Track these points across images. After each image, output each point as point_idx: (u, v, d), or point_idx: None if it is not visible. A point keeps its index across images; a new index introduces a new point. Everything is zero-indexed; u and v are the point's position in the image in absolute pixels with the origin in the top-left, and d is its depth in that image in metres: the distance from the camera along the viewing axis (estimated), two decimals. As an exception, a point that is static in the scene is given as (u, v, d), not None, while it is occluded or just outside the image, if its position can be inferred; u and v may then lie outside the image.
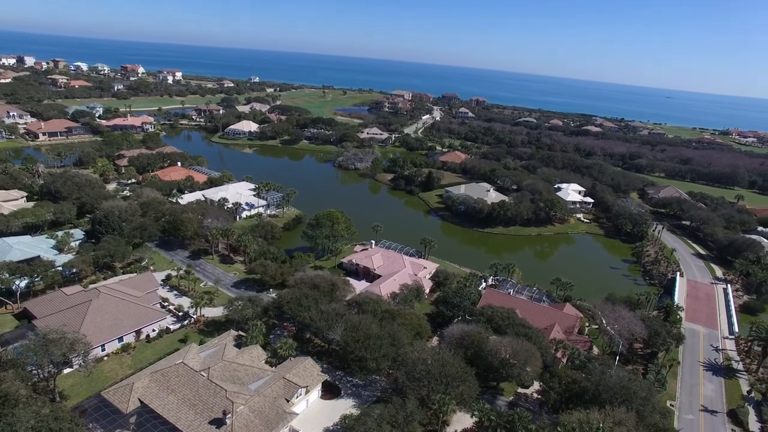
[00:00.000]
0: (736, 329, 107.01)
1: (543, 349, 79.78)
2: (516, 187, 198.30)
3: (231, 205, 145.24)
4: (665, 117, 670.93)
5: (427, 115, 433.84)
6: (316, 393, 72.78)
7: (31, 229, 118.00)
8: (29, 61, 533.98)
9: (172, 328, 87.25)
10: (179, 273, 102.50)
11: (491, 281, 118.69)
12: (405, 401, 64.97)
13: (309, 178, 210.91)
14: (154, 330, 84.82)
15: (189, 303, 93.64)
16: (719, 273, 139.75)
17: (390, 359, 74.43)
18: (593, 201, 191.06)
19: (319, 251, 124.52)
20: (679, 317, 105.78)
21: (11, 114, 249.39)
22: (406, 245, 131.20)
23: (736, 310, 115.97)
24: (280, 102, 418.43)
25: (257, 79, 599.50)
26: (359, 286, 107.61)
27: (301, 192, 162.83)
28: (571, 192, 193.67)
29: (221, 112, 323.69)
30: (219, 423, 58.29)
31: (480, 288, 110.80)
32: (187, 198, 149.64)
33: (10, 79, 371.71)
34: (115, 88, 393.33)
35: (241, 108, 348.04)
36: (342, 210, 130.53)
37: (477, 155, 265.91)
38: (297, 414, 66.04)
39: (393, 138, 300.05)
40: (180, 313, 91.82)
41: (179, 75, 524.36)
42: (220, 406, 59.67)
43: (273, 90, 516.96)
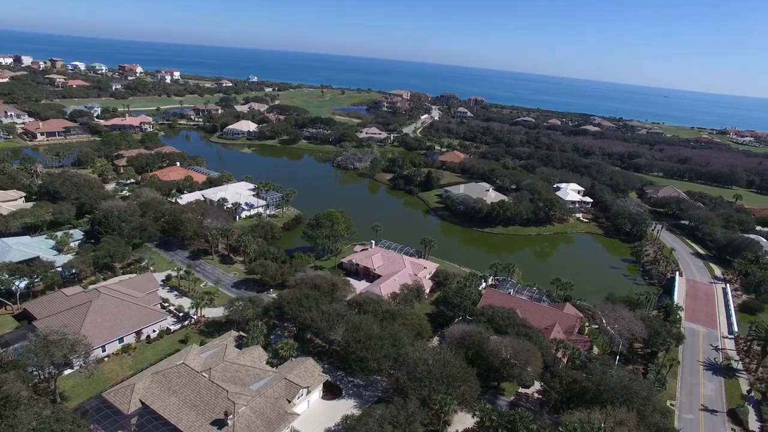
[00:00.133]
0: (735, 329, 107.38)
1: (544, 349, 79.98)
2: (515, 187, 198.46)
3: (230, 205, 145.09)
4: (663, 116, 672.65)
5: (426, 115, 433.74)
6: (317, 393, 72.87)
7: (30, 230, 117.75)
8: (26, 61, 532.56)
9: (172, 328, 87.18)
10: (179, 273, 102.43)
11: (491, 281, 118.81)
12: (406, 401, 65.04)
13: (308, 177, 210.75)
14: (154, 331, 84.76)
15: (189, 303, 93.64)
16: (718, 272, 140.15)
17: (391, 359, 74.53)
18: (592, 200, 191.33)
19: (319, 251, 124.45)
20: (679, 317, 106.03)
21: (9, 114, 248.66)
22: (405, 245, 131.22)
23: (735, 309, 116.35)
24: (278, 102, 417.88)
25: (255, 79, 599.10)
26: (359, 286, 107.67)
27: (301, 192, 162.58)
28: (570, 191, 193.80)
29: (220, 111, 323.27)
30: (221, 424, 58.28)
31: (480, 288, 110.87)
32: (187, 198, 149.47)
33: (7, 79, 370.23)
34: (113, 87, 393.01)
35: (240, 108, 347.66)
36: (341, 210, 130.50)
37: (476, 155, 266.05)
38: (298, 414, 65.99)
39: (392, 138, 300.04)
40: (180, 314, 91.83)
41: (177, 74, 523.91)
42: (221, 406, 59.65)
43: (271, 89, 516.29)
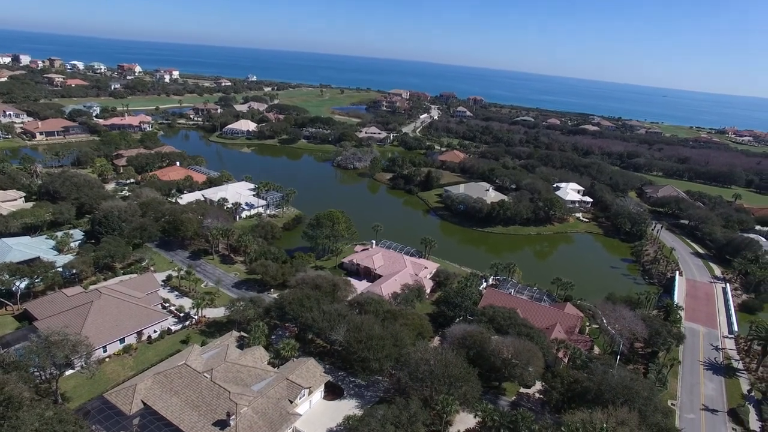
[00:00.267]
0: (735, 328, 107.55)
1: (545, 349, 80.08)
2: (515, 187, 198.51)
3: (231, 205, 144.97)
4: (662, 116, 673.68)
5: (425, 114, 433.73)
6: (319, 394, 72.88)
7: (30, 230, 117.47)
8: (25, 60, 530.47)
9: (173, 329, 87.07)
10: (180, 273, 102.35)
11: (492, 281, 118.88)
12: (408, 402, 65.01)
13: (308, 177, 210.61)
14: (155, 331, 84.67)
15: (190, 304, 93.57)
16: (718, 272, 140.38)
17: (393, 360, 74.54)
18: (592, 200, 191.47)
19: (320, 251, 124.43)
20: (679, 316, 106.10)
21: (7, 113, 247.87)
22: (406, 245, 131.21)
23: (735, 309, 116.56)
24: (277, 101, 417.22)
25: (255, 78, 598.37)
26: (360, 286, 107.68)
27: (300, 192, 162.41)
28: (570, 191, 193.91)
29: (219, 111, 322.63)
30: (223, 425, 58.24)
31: (481, 288, 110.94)
32: (187, 198, 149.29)
33: (5, 78, 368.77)
34: (112, 87, 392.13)
35: (239, 107, 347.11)
36: (342, 210, 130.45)
37: (475, 154, 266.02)
38: (300, 415, 66.00)
39: (391, 137, 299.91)
40: (181, 314, 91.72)
41: (176, 74, 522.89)
42: (223, 407, 59.63)
43: (271, 89, 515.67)
